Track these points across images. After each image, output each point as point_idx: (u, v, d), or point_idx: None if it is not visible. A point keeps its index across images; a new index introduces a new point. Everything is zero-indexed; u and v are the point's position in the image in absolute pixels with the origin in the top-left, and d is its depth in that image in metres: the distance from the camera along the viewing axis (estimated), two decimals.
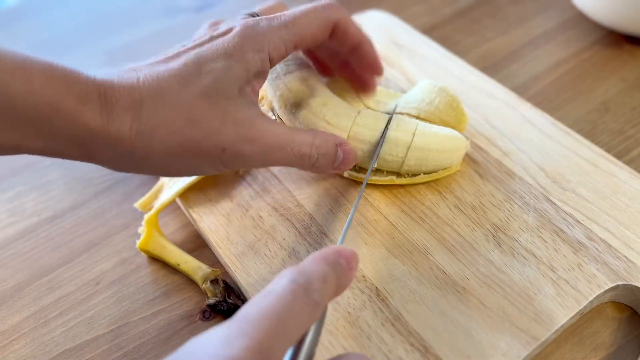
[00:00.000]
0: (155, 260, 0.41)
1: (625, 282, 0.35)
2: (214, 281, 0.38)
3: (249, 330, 0.23)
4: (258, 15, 0.38)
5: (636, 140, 0.46)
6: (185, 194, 0.43)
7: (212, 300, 0.38)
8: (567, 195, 0.40)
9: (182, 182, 0.43)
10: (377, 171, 0.41)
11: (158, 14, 0.67)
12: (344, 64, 0.42)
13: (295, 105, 0.40)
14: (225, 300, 0.37)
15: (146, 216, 0.41)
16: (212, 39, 0.34)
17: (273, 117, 0.43)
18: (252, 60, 0.33)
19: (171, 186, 0.43)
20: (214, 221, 0.41)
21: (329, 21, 0.36)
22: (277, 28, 0.35)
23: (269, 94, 0.43)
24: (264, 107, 0.45)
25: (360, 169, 0.41)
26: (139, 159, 0.33)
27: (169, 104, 0.32)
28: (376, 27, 0.56)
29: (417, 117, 0.42)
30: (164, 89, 0.32)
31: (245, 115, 0.33)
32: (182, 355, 0.23)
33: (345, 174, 0.41)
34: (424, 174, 0.40)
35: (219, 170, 0.35)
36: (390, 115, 0.40)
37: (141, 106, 0.32)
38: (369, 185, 0.41)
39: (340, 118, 0.39)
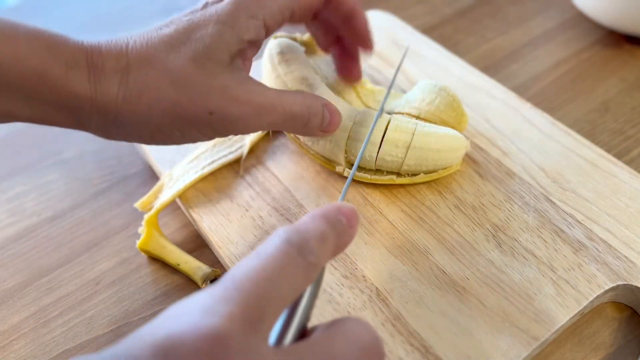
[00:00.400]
0: (155, 260, 0.41)
1: (626, 282, 0.35)
2: (214, 281, 0.38)
3: (234, 296, 0.21)
4: None
5: (636, 140, 0.46)
6: (185, 194, 0.43)
7: None
8: (567, 195, 0.40)
9: (182, 182, 0.43)
10: (377, 171, 0.41)
11: (158, 14, 0.67)
12: (335, 40, 0.42)
13: None
14: None
15: (146, 216, 0.41)
16: (205, 5, 0.34)
17: None
18: (246, 27, 0.33)
19: (171, 186, 0.43)
20: (214, 221, 0.41)
21: None
22: None
23: None
24: None
25: (360, 168, 0.41)
26: (126, 126, 0.33)
27: (156, 69, 0.32)
28: (376, 27, 0.56)
29: (417, 117, 0.42)
30: (151, 54, 0.32)
31: (233, 78, 0.33)
32: (158, 325, 0.21)
33: (346, 174, 0.41)
34: (424, 173, 0.40)
35: (209, 135, 0.34)
36: (378, 112, 0.40)
37: (128, 72, 0.31)
38: (369, 185, 0.41)
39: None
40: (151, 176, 0.48)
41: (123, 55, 0.32)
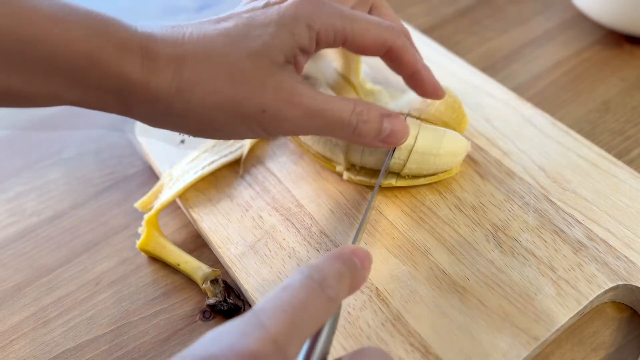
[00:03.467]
0: (155, 260, 0.41)
1: (626, 282, 0.35)
2: (214, 281, 0.38)
3: (266, 323, 0.23)
4: None
5: (636, 140, 0.46)
6: (185, 194, 0.43)
7: (212, 300, 0.38)
8: (567, 195, 0.40)
9: (182, 182, 0.43)
10: (377, 172, 0.41)
11: (158, 14, 0.67)
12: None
13: None
14: (225, 300, 0.37)
15: (146, 216, 0.41)
16: (267, 5, 0.34)
17: None
18: (302, 34, 0.33)
19: (171, 186, 0.43)
20: (214, 221, 0.41)
21: (384, 42, 0.35)
22: (334, 14, 0.34)
23: None
24: None
25: (360, 169, 0.41)
26: (176, 116, 0.32)
27: (212, 62, 0.32)
28: None
29: (418, 118, 0.42)
30: (208, 47, 0.32)
31: (287, 80, 0.33)
32: (199, 347, 0.23)
33: (345, 177, 0.41)
34: (425, 176, 0.40)
35: (257, 134, 0.34)
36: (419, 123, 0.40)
37: (183, 62, 0.31)
38: (368, 186, 0.41)
39: None
40: (151, 176, 0.48)
41: (179, 45, 0.31)
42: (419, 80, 0.38)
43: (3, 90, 0.29)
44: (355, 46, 0.35)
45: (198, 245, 0.42)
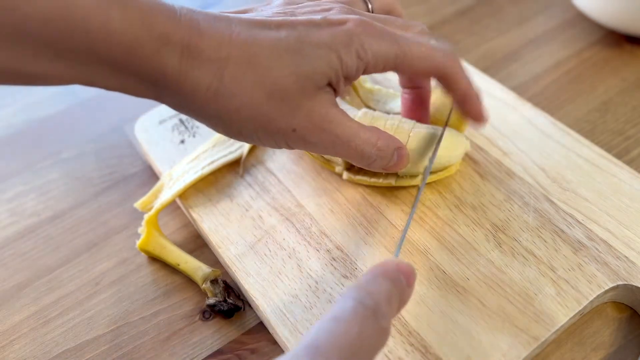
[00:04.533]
0: (155, 260, 0.41)
1: (626, 282, 0.35)
2: (214, 281, 0.38)
3: None
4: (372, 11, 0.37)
5: (636, 140, 0.46)
6: (185, 194, 0.43)
7: (212, 300, 0.38)
8: (567, 195, 0.40)
9: (182, 182, 0.43)
10: (376, 173, 0.41)
11: None
12: (412, 87, 0.41)
13: None
14: (225, 300, 0.37)
15: (146, 216, 0.41)
16: (324, 21, 0.33)
17: None
18: (351, 64, 0.33)
19: (171, 186, 0.43)
20: (214, 221, 0.41)
21: (438, 69, 0.35)
22: (388, 43, 0.33)
23: None
24: None
25: (359, 170, 0.41)
26: (207, 116, 0.32)
27: (255, 73, 0.31)
28: None
29: None
30: (254, 55, 0.31)
31: (322, 104, 0.33)
32: None
33: (345, 177, 0.41)
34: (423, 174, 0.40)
35: (280, 146, 0.34)
36: (443, 129, 0.39)
37: (226, 66, 0.30)
38: (368, 186, 0.41)
39: None
40: (151, 176, 0.48)
41: (225, 45, 0.30)
42: (467, 104, 0.37)
43: (42, 73, 0.29)
44: (407, 72, 0.35)
45: (198, 245, 0.42)
